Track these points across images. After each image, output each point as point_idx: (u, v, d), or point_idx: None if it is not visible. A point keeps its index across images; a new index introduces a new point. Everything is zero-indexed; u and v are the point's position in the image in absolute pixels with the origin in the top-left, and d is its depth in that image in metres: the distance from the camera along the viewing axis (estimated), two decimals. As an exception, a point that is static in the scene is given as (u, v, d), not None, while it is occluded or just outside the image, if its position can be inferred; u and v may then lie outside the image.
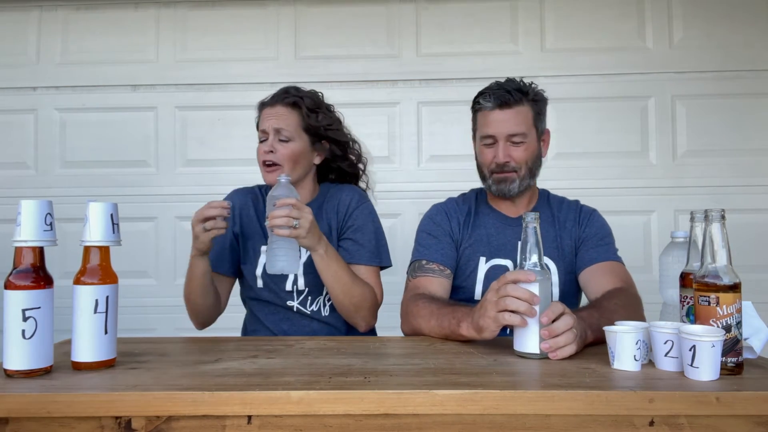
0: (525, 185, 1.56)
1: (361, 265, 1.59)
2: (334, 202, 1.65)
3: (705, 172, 2.73)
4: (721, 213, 1.04)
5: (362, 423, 0.90)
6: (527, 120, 1.53)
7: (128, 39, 2.88)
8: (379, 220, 1.68)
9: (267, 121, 1.59)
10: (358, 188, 1.73)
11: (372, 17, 2.84)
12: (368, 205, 1.67)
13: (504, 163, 1.53)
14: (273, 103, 1.61)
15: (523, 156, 1.53)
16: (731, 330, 1.00)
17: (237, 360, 1.13)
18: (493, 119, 1.52)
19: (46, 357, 1.01)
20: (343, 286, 1.49)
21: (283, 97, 1.60)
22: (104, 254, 1.07)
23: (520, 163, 1.53)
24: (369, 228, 1.63)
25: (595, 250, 1.54)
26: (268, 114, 1.60)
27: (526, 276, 1.10)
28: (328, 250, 1.47)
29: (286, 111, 1.59)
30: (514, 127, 1.51)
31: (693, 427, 0.89)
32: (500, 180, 1.55)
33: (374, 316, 1.60)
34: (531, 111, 1.53)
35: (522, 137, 1.52)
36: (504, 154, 1.52)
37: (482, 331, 1.18)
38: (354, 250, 1.60)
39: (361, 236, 1.61)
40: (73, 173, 2.86)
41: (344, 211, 1.63)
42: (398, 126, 2.83)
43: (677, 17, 2.78)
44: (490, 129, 1.53)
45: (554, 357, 1.09)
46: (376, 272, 1.63)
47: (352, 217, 1.62)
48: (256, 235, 1.63)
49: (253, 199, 1.69)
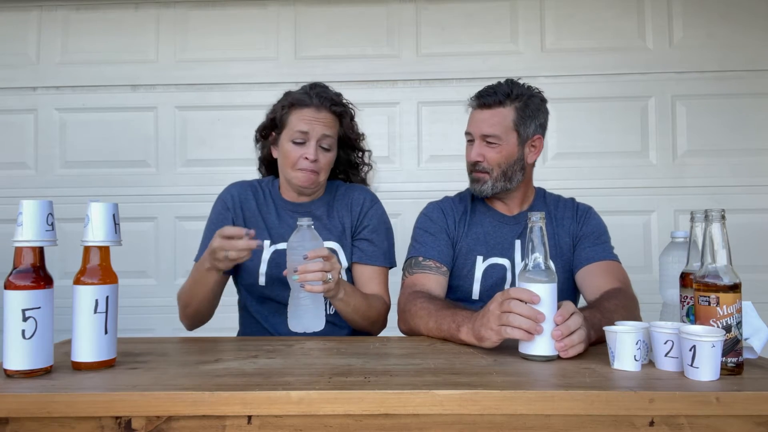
0: (499, 187, 1.55)
1: (376, 266, 1.61)
2: (346, 201, 1.65)
3: (705, 172, 2.73)
4: (721, 213, 1.04)
5: (362, 423, 0.90)
6: (505, 122, 1.52)
7: (128, 39, 2.88)
8: (389, 221, 1.70)
9: (313, 126, 1.54)
10: (366, 188, 1.73)
11: (372, 17, 2.85)
12: (381, 206, 1.69)
13: (475, 162, 1.55)
14: (318, 106, 1.56)
15: (496, 158, 1.53)
16: (731, 330, 1.00)
17: (237, 360, 1.13)
18: (473, 118, 1.57)
19: (46, 357, 1.01)
20: (362, 315, 1.50)
21: (330, 104, 1.56)
22: (104, 254, 1.07)
23: (492, 165, 1.54)
24: (383, 229, 1.65)
25: (592, 249, 1.54)
26: (314, 118, 1.55)
27: (530, 297, 1.09)
28: (346, 289, 1.43)
29: (332, 120, 1.58)
30: (487, 128, 1.53)
31: (693, 427, 0.89)
32: (474, 179, 1.58)
33: (386, 321, 1.62)
34: (513, 114, 1.52)
35: (496, 139, 1.52)
36: (476, 153, 1.55)
37: (483, 340, 1.18)
38: (370, 252, 1.61)
39: (377, 237, 1.62)
40: (73, 173, 2.86)
41: (358, 210, 1.64)
42: (398, 126, 2.83)
43: (677, 17, 2.78)
44: (468, 127, 1.58)
45: (566, 356, 1.09)
46: (386, 273, 1.65)
47: (368, 217, 1.63)
48: (258, 229, 1.61)
49: (254, 192, 1.66)
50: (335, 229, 1.63)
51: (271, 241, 1.60)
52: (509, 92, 1.53)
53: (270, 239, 1.61)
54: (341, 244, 1.62)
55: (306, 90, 1.60)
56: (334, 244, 1.61)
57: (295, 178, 1.57)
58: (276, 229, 1.62)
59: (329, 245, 1.60)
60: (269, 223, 1.63)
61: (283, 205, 1.65)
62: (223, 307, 1.75)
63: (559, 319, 1.08)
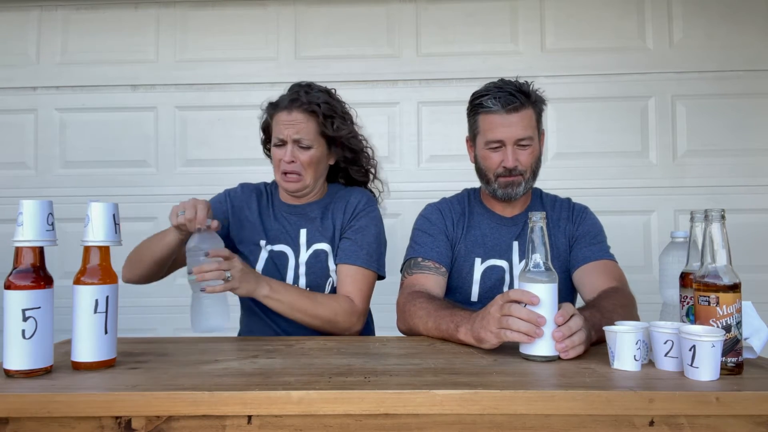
0: (528, 187, 1.56)
1: (353, 265, 1.56)
2: (342, 204, 1.64)
3: (705, 172, 2.73)
4: (721, 213, 1.04)
5: (362, 423, 0.90)
6: (532, 123, 1.52)
7: (128, 39, 2.88)
8: (383, 228, 1.66)
9: (285, 130, 1.55)
10: (368, 192, 1.72)
11: (372, 17, 2.85)
12: (375, 210, 1.66)
13: (513, 168, 1.51)
14: (289, 108, 1.56)
15: (530, 159, 1.53)
16: (731, 330, 1.00)
17: (237, 360, 1.13)
18: (501, 123, 1.49)
19: (46, 357, 1.01)
20: (304, 313, 1.46)
21: (300, 104, 1.56)
22: (104, 254, 1.07)
23: (526, 167, 1.53)
24: (370, 231, 1.60)
25: (588, 249, 1.54)
26: (286, 121, 1.56)
27: (530, 299, 1.09)
28: (272, 285, 1.43)
29: (303, 118, 1.56)
30: (521, 132, 1.50)
31: (693, 427, 0.89)
32: (507, 184, 1.53)
33: (358, 322, 1.52)
34: (534, 113, 1.53)
35: (529, 141, 1.51)
36: (513, 159, 1.50)
37: (482, 342, 1.18)
38: (351, 251, 1.57)
39: (361, 238, 1.59)
40: (73, 173, 2.86)
41: (351, 211, 1.63)
42: (398, 126, 2.83)
43: (677, 17, 2.78)
44: (497, 133, 1.50)
45: (566, 357, 1.09)
46: (367, 277, 1.56)
47: (357, 218, 1.61)
48: (256, 229, 1.64)
49: (258, 196, 1.69)
50: (327, 231, 1.62)
51: (267, 242, 1.62)
52: (525, 92, 1.51)
53: (267, 240, 1.63)
54: (331, 246, 1.61)
55: (285, 92, 1.62)
56: (325, 246, 1.61)
57: (281, 182, 1.60)
58: (273, 231, 1.64)
59: (320, 247, 1.60)
60: (267, 225, 1.65)
61: (281, 207, 1.67)
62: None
63: (560, 320, 1.08)
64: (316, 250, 1.61)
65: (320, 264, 1.60)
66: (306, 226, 1.63)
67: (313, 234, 1.62)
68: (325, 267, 1.60)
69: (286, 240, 1.62)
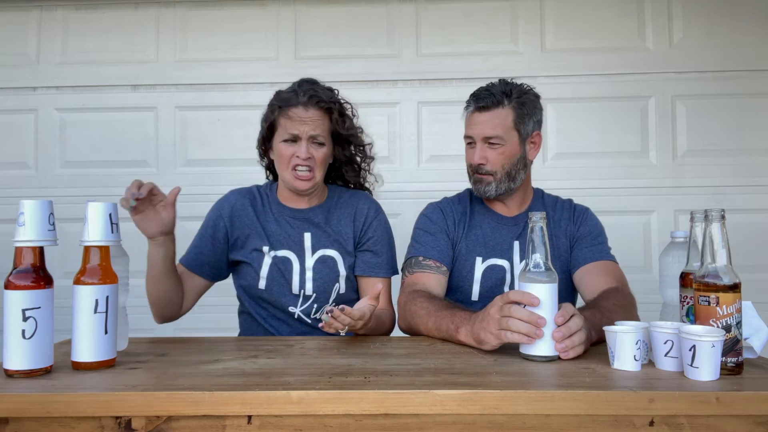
0: (504, 188, 1.55)
1: (381, 278, 1.62)
2: (350, 210, 1.64)
3: (705, 172, 2.73)
4: (721, 213, 1.04)
5: (362, 423, 0.90)
6: (505, 123, 1.52)
7: (128, 39, 2.88)
8: (391, 229, 1.70)
9: (301, 126, 1.54)
10: (371, 197, 1.73)
11: (372, 17, 2.84)
12: (384, 215, 1.69)
13: (479, 165, 1.54)
14: (306, 104, 1.54)
15: (499, 159, 1.53)
16: (731, 330, 1.00)
17: (237, 360, 1.13)
18: (472, 121, 1.56)
19: (46, 357, 1.01)
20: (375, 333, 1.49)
21: (317, 100, 1.55)
22: (104, 254, 1.07)
23: (495, 167, 1.53)
24: (386, 239, 1.66)
25: (589, 249, 1.54)
26: (302, 117, 1.54)
27: (530, 300, 1.09)
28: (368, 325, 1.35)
29: (320, 115, 1.56)
30: (489, 130, 1.52)
31: (693, 427, 0.89)
32: (477, 181, 1.57)
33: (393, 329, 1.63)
34: (512, 113, 1.52)
35: (499, 140, 1.52)
36: (480, 156, 1.54)
37: (482, 343, 1.18)
38: (374, 264, 1.62)
39: (381, 248, 1.63)
40: (73, 173, 2.85)
41: (362, 220, 1.63)
42: (398, 126, 2.83)
43: (677, 17, 2.78)
44: (468, 130, 1.57)
45: (566, 357, 1.09)
46: (391, 283, 1.66)
47: (372, 228, 1.63)
48: (257, 234, 1.61)
49: (251, 200, 1.65)
50: (333, 236, 1.62)
51: (270, 248, 1.59)
52: (506, 92, 1.52)
53: (269, 246, 1.59)
54: (340, 253, 1.61)
55: (294, 88, 1.59)
56: (333, 252, 1.61)
57: (290, 179, 1.56)
58: (275, 236, 1.61)
59: (327, 253, 1.60)
60: (268, 230, 1.61)
61: (282, 211, 1.64)
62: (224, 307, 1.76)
63: (560, 320, 1.08)
64: (323, 256, 1.60)
65: (328, 270, 1.59)
66: (310, 230, 1.61)
67: (318, 239, 1.61)
68: (333, 273, 1.60)
69: (290, 245, 1.60)
